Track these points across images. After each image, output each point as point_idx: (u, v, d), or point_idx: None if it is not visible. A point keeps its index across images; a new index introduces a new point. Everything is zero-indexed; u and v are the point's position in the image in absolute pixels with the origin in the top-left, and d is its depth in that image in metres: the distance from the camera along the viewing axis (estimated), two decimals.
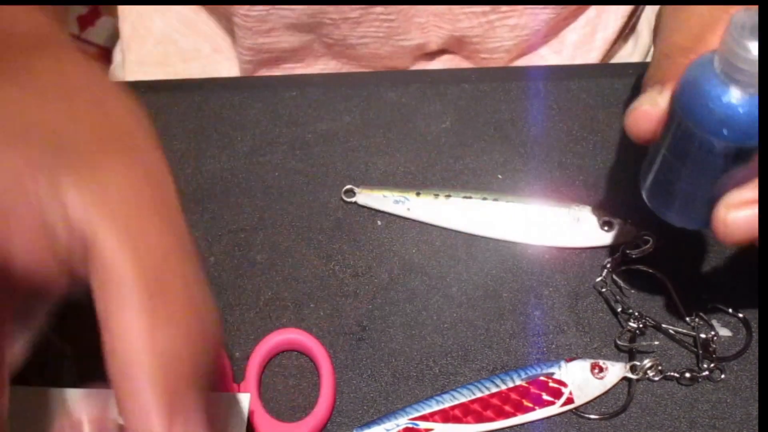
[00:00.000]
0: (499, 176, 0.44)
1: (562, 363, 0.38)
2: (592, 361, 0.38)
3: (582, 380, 0.37)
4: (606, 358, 0.39)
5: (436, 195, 0.43)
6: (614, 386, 0.38)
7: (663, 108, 0.33)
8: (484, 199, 0.43)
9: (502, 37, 0.51)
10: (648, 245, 0.41)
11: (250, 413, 0.35)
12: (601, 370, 0.37)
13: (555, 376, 0.37)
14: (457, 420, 0.37)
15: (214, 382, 0.25)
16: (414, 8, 0.49)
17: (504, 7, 0.50)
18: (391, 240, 0.42)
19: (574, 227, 0.42)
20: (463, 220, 0.42)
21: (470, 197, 0.43)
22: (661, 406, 0.38)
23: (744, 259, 0.41)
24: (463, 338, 0.40)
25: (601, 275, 0.41)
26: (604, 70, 0.48)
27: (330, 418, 0.38)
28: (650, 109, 0.33)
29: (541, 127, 0.46)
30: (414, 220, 0.43)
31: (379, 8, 0.48)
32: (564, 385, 0.37)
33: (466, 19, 0.50)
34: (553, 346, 0.39)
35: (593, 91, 0.46)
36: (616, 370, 0.38)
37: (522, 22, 0.50)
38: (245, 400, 0.33)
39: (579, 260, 0.42)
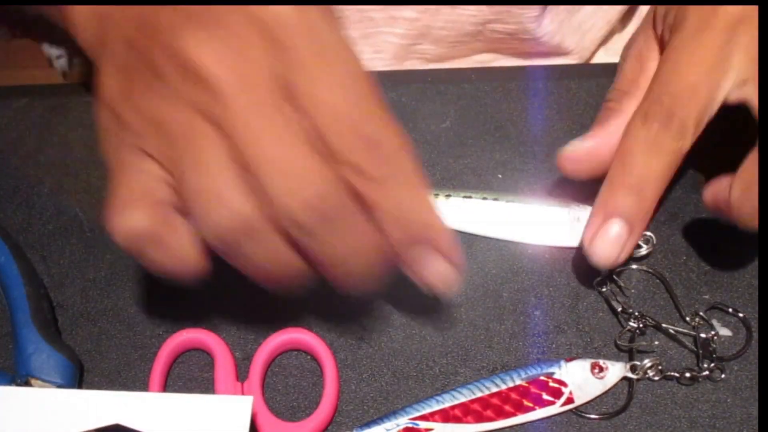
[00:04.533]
0: (499, 176, 0.44)
1: (562, 363, 0.38)
2: (593, 360, 0.38)
3: (582, 380, 0.37)
4: (606, 357, 0.39)
5: (436, 195, 0.43)
6: (614, 386, 0.38)
7: (584, 149, 0.40)
8: (484, 198, 0.43)
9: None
10: (648, 245, 0.41)
11: (254, 414, 0.35)
12: (601, 369, 0.37)
13: (555, 376, 0.37)
14: (457, 420, 0.37)
15: None
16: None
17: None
18: None
19: (575, 227, 0.42)
20: (463, 220, 0.42)
21: (470, 197, 0.43)
22: (661, 406, 0.38)
23: (744, 259, 0.41)
24: (463, 338, 0.40)
25: (600, 275, 0.41)
26: (604, 70, 0.48)
27: (333, 420, 0.38)
28: (572, 153, 0.40)
29: (541, 127, 0.46)
30: None
31: None
32: (564, 384, 0.37)
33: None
34: (553, 346, 0.39)
35: (593, 91, 0.46)
36: (616, 370, 0.38)
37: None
38: (248, 402, 0.33)
39: (579, 260, 0.42)
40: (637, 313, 0.40)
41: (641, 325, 0.39)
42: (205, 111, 0.29)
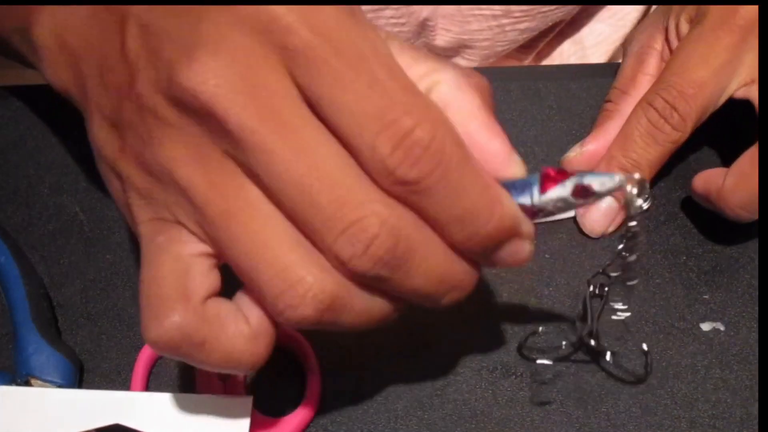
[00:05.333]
0: None
1: (535, 191, 0.28)
2: (577, 182, 0.28)
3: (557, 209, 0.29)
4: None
5: None
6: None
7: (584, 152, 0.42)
8: None
9: (513, 40, 0.51)
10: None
11: None
12: (586, 193, 0.28)
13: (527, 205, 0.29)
14: None
15: None
16: (424, 10, 0.49)
17: (517, 12, 0.50)
18: None
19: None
20: None
21: None
22: (661, 406, 0.38)
23: (744, 259, 0.41)
24: (463, 338, 0.40)
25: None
26: (604, 70, 0.48)
27: (316, 415, 0.37)
28: (575, 157, 0.42)
29: (541, 127, 0.46)
30: None
31: (389, 11, 0.48)
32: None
33: (476, 21, 0.50)
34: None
35: (593, 91, 0.46)
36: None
37: (533, 25, 0.50)
38: (248, 403, 0.33)
39: (579, 260, 0.42)
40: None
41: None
42: (232, 157, 0.25)
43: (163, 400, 0.34)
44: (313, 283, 0.25)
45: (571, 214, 0.43)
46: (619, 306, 0.37)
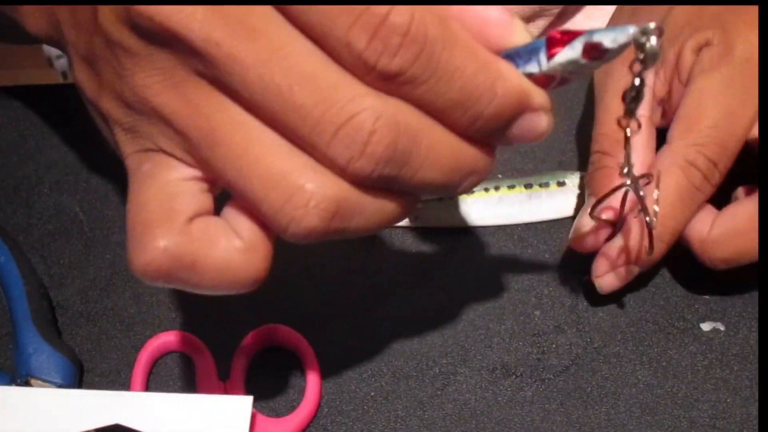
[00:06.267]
0: (499, 176, 0.44)
1: (542, 57, 0.25)
2: (586, 41, 0.25)
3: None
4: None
5: (440, 198, 0.43)
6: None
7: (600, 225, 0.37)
8: (486, 190, 0.43)
9: None
10: None
11: None
12: (598, 52, 0.25)
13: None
14: None
15: None
16: None
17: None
18: (391, 238, 0.42)
19: (564, 192, 0.43)
20: (463, 217, 0.42)
21: (472, 192, 0.42)
22: (661, 405, 0.38)
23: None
24: (463, 338, 0.40)
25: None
26: None
27: (317, 414, 0.37)
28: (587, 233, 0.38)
29: None
30: (414, 219, 0.43)
31: None
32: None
33: None
34: (554, 346, 0.39)
35: (593, 91, 0.46)
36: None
37: (517, 10, 0.50)
38: (248, 402, 0.33)
39: (579, 260, 0.42)
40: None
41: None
42: (207, 77, 0.24)
43: (163, 400, 0.34)
44: (315, 190, 0.24)
45: (569, 213, 0.42)
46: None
